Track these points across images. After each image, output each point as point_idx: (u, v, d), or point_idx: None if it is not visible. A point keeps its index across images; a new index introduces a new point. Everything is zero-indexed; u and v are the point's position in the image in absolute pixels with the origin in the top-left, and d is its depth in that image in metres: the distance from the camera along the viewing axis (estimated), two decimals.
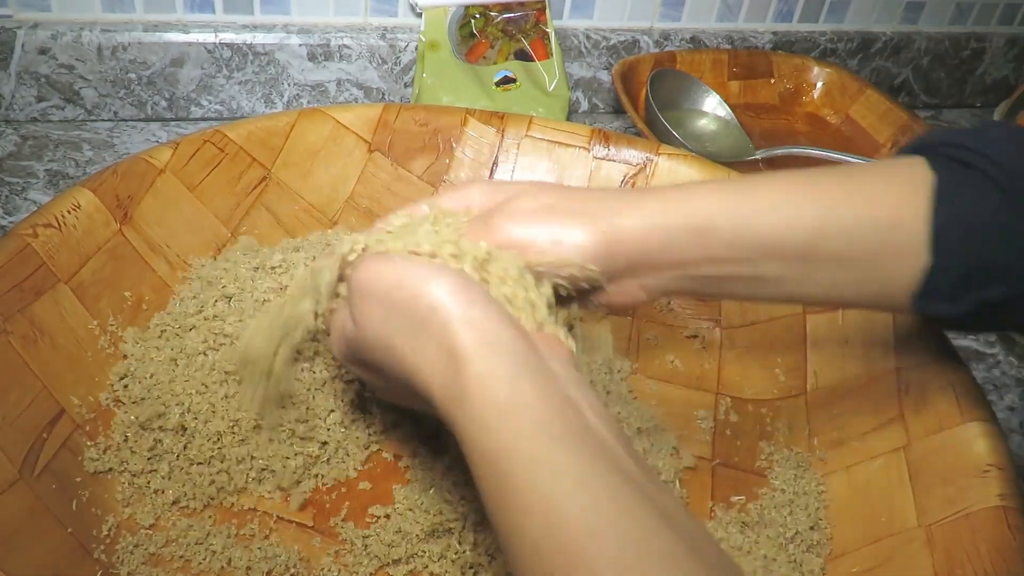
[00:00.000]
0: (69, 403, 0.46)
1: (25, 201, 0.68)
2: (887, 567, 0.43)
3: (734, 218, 0.39)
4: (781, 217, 0.39)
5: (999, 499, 0.41)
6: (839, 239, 0.39)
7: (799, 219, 0.39)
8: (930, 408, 0.47)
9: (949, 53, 1.05)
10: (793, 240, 0.39)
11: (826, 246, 0.39)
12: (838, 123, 0.95)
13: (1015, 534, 0.39)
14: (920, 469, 0.45)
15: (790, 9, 0.97)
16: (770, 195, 0.40)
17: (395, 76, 0.85)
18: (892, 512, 0.45)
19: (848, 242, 0.39)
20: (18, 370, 0.44)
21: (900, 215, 0.39)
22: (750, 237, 0.39)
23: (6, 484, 0.40)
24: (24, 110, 0.77)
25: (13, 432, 0.42)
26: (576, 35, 0.89)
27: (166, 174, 0.56)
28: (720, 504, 0.49)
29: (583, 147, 0.67)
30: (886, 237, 0.39)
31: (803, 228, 0.39)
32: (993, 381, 0.64)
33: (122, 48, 0.76)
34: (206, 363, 0.48)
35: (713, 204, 0.40)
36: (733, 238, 0.40)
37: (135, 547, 0.43)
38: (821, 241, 0.39)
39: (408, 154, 0.66)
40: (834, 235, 0.39)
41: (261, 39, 0.80)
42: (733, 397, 0.56)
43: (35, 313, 0.46)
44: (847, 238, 0.39)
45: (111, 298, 0.51)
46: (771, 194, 0.40)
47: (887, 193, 0.39)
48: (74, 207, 0.51)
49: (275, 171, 0.62)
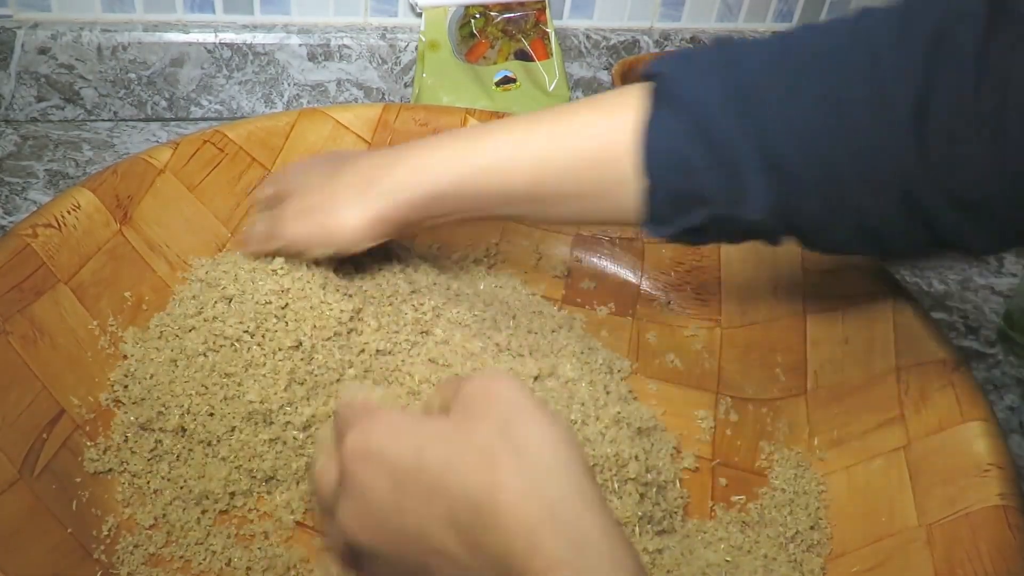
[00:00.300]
0: (69, 403, 0.46)
1: (25, 201, 0.68)
2: (887, 567, 0.43)
3: (460, 184, 0.47)
4: (500, 172, 0.46)
5: (999, 499, 0.41)
6: (556, 179, 0.45)
7: (518, 171, 0.46)
8: (930, 408, 0.47)
9: None
10: (515, 189, 0.46)
11: (546, 188, 0.46)
12: None
13: (1015, 534, 0.39)
14: (920, 469, 0.46)
15: (790, 9, 0.97)
16: (494, 152, 0.46)
17: (395, 76, 0.85)
18: (892, 512, 0.45)
19: (565, 180, 0.45)
20: (18, 370, 0.44)
21: (612, 149, 0.43)
22: (477, 197, 0.47)
23: (6, 484, 0.40)
24: (24, 110, 0.77)
25: (13, 432, 0.42)
26: (576, 35, 0.89)
27: (166, 174, 0.56)
28: (720, 504, 0.49)
29: None
30: (603, 171, 0.44)
31: (522, 178, 0.46)
32: (993, 381, 0.64)
33: (122, 48, 0.76)
34: (206, 364, 0.48)
35: (442, 173, 0.47)
36: (463, 200, 0.47)
37: (135, 547, 0.43)
38: (539, 186, 0.46)
39: None
40: (551, 178, 0.45)
41: (261, 39, 0.80)
42: (733, 397, 0.56)
43: (35, 313, 0.46)
44: (563, 177, 0.45)
45: (111, 298, 0.51)
46: (494, 151, 0.46)
47: (599, 129, 0.44)
48: (74, 207, 0.51)
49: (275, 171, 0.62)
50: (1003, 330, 0.67)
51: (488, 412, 0.31)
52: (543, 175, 0.45)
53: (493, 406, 0.31)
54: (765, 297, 0.60)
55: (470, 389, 0.32)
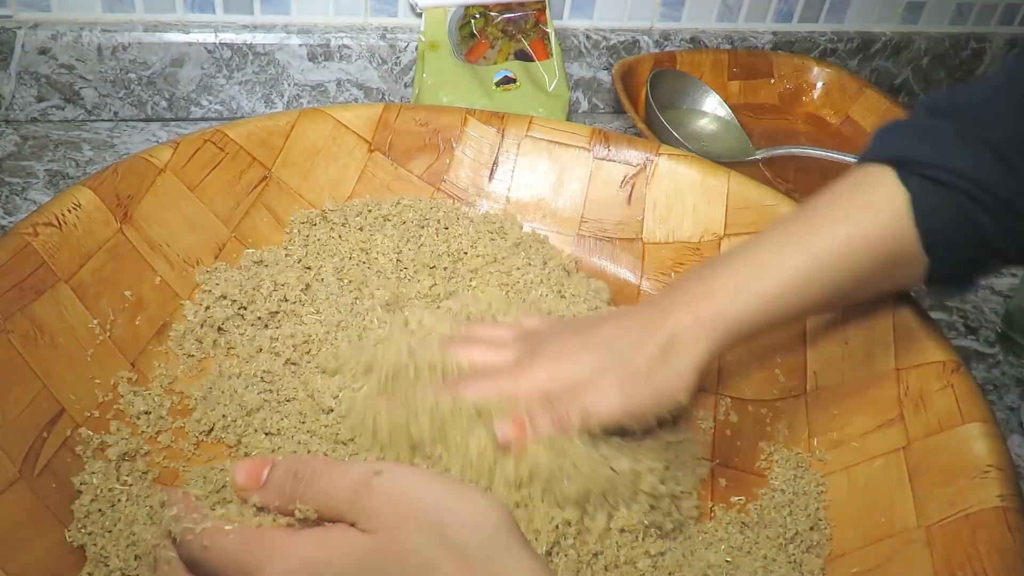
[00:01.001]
0: (69, 402, 0.46)
1: (25, 201, 0.68)
2: (887, 567, 0.43)
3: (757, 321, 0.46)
4: (792, 303, 0.46)
5: (999, 500, 0.41)
6: (846, 287, 0.46)
7: (808, 299, 0.46)
8: (930, 408, 0.47)
9: (949, 53, 1.05)
10: (806, 309, 0.47)
11: (837, 297, 0.47)
12: (838, 123, 0.95)
13: (1015, 535, 0.39)
14: (920, 470, 0.45)
15: (790, 9, 0.97)
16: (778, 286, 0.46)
17: (395, 76, 0.85)
18: (892, 513, 0.45)
19: (854, 283, 0.47)
20: (18, 369, 0.44)
21: (892, 246, 0.46)
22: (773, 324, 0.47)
23: (6, 483, 0.40)
24: (24, 110, 0.77)
25: (13, 431, 0.42)
26: (576, 35, 0.89)
27: (166, 173, 0.56)
28: (720, 504, 0.49)
29: (583, 147, 0.67)
30: (886, 265, 0.46)
31: (812, 302, 0.47)
32: (993, 381, 0.64)
33: (122, 48, 0.76)
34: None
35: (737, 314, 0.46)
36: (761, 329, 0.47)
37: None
38: (832, 298, 0.47)
39: (408, 154, 0.67)
40: (840, 291, 0.47)
41: (261, 39, 0.80)
42: (733, 397, 0.56)
43: (35, 312, 0.46)
44: (852, 284, 0.46)
45: (111, 297, 0.51)
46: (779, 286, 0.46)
47: (875, 229, 0.45)
48: (74, 206, 0.51)
49: (275, 171, 0.62)
50: (1003, 330, 0.67)
51: (411, 519, 0.32)
52: (832, 294, 0.47)
53: (414, 511, 0.32)
54: None
55: (378, 497, 0.33)
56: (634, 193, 0.66)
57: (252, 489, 0.36)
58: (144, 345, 0.51)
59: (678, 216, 0.65)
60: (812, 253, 0.45)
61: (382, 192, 0.65)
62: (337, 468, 0.35)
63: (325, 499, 0.34)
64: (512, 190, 0.67)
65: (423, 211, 0.63)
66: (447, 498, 0.33)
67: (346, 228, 0.61)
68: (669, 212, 0.65)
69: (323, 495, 0.34)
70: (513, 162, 0.67)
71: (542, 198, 0.67)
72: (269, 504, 0.35)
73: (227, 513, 0.36)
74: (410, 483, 0.33)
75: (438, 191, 0.67)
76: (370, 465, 0.35)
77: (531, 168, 0.67)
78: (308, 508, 0.34)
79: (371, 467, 0.34)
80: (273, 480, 0.36)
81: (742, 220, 0.63)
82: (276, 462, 0.36)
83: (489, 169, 0.67)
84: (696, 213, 0.64)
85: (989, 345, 0.67)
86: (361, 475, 0.34)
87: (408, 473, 0.34)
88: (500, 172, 0.67)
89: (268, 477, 0.36)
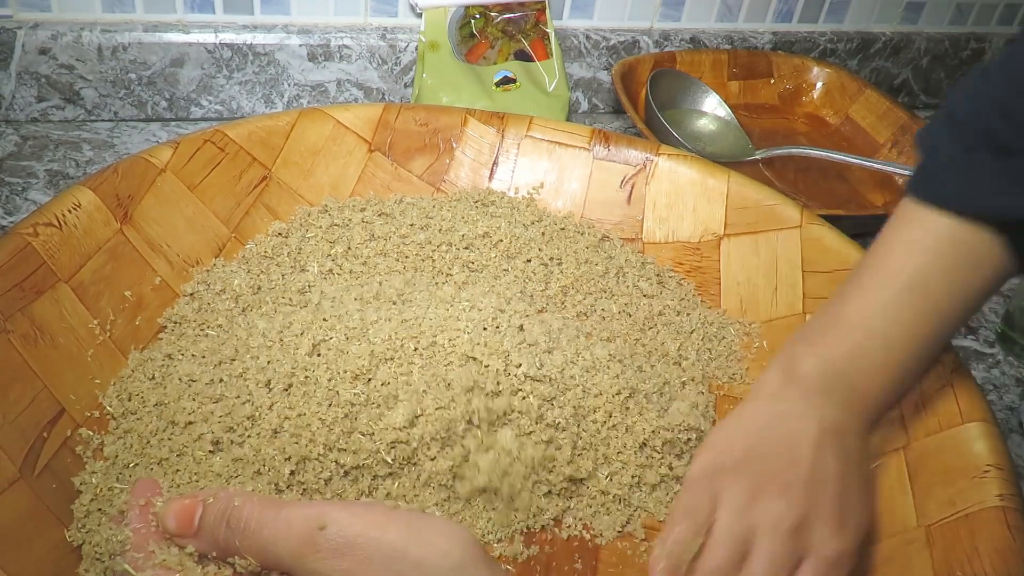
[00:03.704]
0: (69, 402, 0.46)
1: (25, 201, 0.68)
2: (887, 567, 0.43)
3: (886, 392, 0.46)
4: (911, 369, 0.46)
5: (999, 499, 0.41)
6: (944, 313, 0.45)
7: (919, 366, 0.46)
8: (930, 408, 0.47)
9: (949, 53, 1.05)
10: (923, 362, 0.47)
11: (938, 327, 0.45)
12: (838, 123, 0.95)
13: (1015, 534, 0.39)
14: (920, 469, 0.46)
15: (790, 9, 0.97)
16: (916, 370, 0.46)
17: (395, 76, 0.85)
18: (892, 512, 0.45)
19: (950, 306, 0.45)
20: (19, 369, 0.44)
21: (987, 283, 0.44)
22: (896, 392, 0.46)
23: (6, 483, 0.40)
24: (24, 110, 0.77)
25: (13, 431, 0.42)
26: (576, 35, 0.89)
27: (166, 173, 0.57)
28: None
29: (583, 147, 0.67)
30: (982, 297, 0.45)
31: (926, 361, 0.46)
32: (993, 381, 0.64)
33: (122, 48, 0.76)
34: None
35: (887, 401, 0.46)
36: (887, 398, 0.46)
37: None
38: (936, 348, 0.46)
39: (408, 154, 0.67)
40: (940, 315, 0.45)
41: (261, 39, 0.80)
42: (731, 397, 0.56)
43: (35, 312, 0.46)
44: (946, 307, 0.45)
45: (111, 297, 0.51)
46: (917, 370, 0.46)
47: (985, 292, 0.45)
48: (75, 206, 0.51)
49: (275, 170, 0.62)
50: (1003, 330, 0.67)
51: (376, 555, 0.31)
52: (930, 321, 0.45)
53: (369, 564, 0.31)
54: (765, 297, 0.60)
55: (325, 554, 0.31)
56: (634, 193, 0.66)
57: (186, 536, 0.34)
58: (144, 345, 0.51)
59: (678, 216, 0.65)
60: (940, 334, 0.45)
61: (382, 192, 0.65)
62: (275, 516, 0.32)
63: (266, 555, 0.32)
64: (512, 190, 0.67)
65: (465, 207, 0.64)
66: (402, 543, 0.31)
67: (349, 223, 0.61)
68: (669, 212, 0.65)
69: (263, 551, 0.32)
70: (513, 162, 0.67)
71: (542, 198, 0.67)
72: (206, 553, 0.33)
73: (168, 560, 0.33)
74: (360, 533, 0.31)
75: (438, 191, 0.67)
76: (313, 512, 0.32)
77: (531, 168, 0.67)
78: (249, 563, 0.32)
79: (315, 517, 0.32)
80: (205, 527, 0.33)
81: (742, 220, 0.63)
82: (207, 505, 0.34)
83: (489, 169, 0.67)
84: (696, 213, 0.64)
85: (989, 345, 0.67)
86: (304, 530, 0.31)
87: (357, 519, 0.32)
88: (500, 172, 0.67)
89: (200, 523, 0.33)
